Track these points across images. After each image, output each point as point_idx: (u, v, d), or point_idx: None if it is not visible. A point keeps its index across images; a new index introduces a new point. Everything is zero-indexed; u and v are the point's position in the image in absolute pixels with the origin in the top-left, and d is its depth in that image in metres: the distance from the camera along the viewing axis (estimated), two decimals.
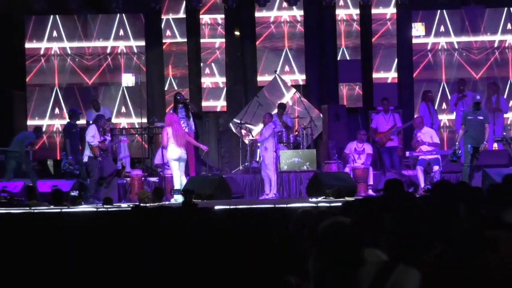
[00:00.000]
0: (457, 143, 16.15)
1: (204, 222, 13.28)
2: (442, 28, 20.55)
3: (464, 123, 15.99)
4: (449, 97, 19.63)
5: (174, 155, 16.74)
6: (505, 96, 19.37)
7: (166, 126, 17.06)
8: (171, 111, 18.09)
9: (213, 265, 9.76)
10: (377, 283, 4.78)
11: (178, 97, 18.64)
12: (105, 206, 15.92)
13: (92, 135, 16.94)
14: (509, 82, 20.22)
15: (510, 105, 19.65)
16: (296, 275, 6.38)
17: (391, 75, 20.71)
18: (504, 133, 18.37)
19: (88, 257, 10.82)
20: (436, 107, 19.48)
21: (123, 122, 20.58)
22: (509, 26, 20.40)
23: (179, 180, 16.81)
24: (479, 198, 7.66)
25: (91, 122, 17.61)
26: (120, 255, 10.44)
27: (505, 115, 19.29)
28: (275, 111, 18.50)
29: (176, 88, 20.56)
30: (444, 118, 19.90)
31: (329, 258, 4.10)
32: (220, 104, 20.93)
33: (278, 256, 7.43)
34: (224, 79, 20.93)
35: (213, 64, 20.99)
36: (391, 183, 9.16)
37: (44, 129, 20.37)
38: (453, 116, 19.53)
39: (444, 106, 19.92)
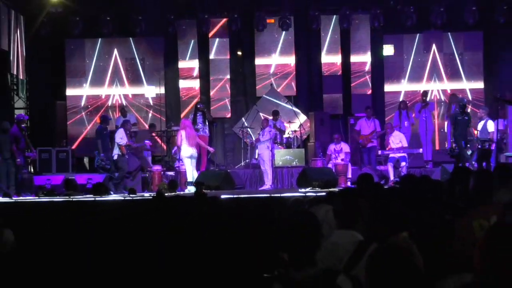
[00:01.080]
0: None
1: (212, 208, 13.33)
2: (408, 48, 20.56)
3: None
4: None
5: (187, 153, 16.81)
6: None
7: (181, 130, 17.12)
8: (189, 117, 18.16)
9: (220, 243, 9.83)
10: (354, 258, 4.83)
11: (198, 106, 18.73)
12: (130, 195, 15.98)
13: (121, 137, 16.97)
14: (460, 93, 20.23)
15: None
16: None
17: (365, 88, 20.66)
18: None
19: (117, 238, 10.86)
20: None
21: (146, 126, 20.56)
22: (460, 47, 20.41)
23: (191, 174, 16.87)
24: (440, 189, 7.69)
25: (119, 126, 17.61)
26: (143, 236, 10.50)
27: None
28: (271, 117, 18.49)
29: (190, 97, 20.57)
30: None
31: (287, 237, 4.12)
32: (225, 111, 20.90)
33: (273, 235, 7.48)
34: (228, 91, 20.89)
35: (221, 80, 20.94)
36: (363, 177, 9.20)
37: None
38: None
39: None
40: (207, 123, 18.37)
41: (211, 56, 20.93)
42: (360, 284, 3.89)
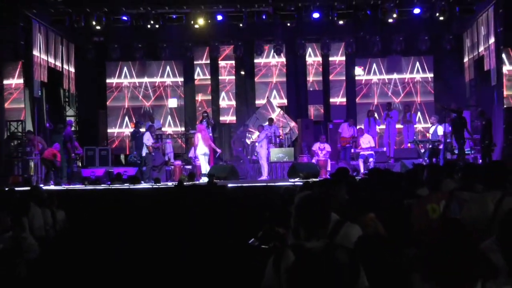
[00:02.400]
0: (449, 140, 16.27)
1: (221, 194, 13.33)
2: (374, 70, 20.57)
3: (453, 126, 15.96)
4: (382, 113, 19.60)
5: (201, 151, 16.89)
6: (412, 112, 19.36)
7: (197, 133, 17.23)
8: (201, 123, 18.19)
9: (227, 220, 9.83)
10: (332, 233, 4.82)
11: (204, 114, 18.86)
12: (156, 184, 15.98)
13: (147, 139, 16.99)
14: (415, 104, 20.23)
15: (417, 119, 19.65)
16: (283, 227, 6.42)
17: (341, 100, 20.68)
18: (415, 137, 18.38)
19: (147, 217, 10.85)
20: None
21: (169, 130, 20.56)
22: (417, 68, 20.43)
23: (205, 167, 16.91)
24: (400, 179, 7.67)
25: (146, 130, 17.66)
26: (168, 215, 10.48)
27: (415, 126, 19.30)
28: (267, 123, 18.49)
29: (205, 108, 20.59)
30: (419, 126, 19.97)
31: (301, 215, 4.11)
32: (230, 118, 20.90)
33: (271, 214, 7.47)
34: (234, 102, 20.90)
35: (227, 93, 20.96)
36: (340, 170, 9.20)
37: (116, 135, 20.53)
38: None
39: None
40: (210, 127, 18.45)
41: (220, 76, 20.94)
42: (355, 256, 3.88)
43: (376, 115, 19.29)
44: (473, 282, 3.33)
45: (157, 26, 17.96)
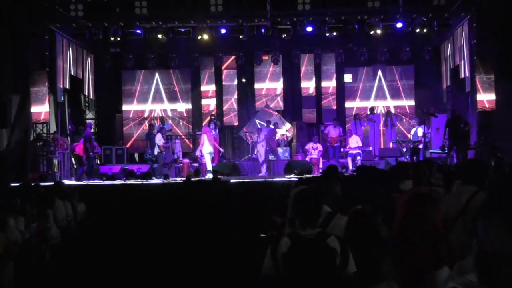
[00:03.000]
0: (443, 140, 16.17)
1: (225, 189, 13.32)
2: (362, 77, 20.60)
3: (448, 127, 15.90)
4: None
5: (207, 150, 16.94)
6: (393, 116, 19.40)
7: (203, 134, 17.29)
8: (208, 125, 18.25)
9: (230, 211, 9.82)
10: (324, 223, 4.82)
11: (211, 117, 18.94)
12: (166, 180, 16.00)
13: (159, 139, 17.07)
14: (398, 108, 20.27)
15: (397, 122, 19.68)
16: (280, 217, 6.42)
17: (330, 105, 20.68)
18: (397, 138, 18.40)
19: (159, 209, 10.84)
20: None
21: (178, 131, 20.56)
22: (399, 76, 20.47)
23: (210, 165, 16.93)
24: (385, 175, 7.68)
25: (157, 131, 17.69)
26: (177, 207, 10.48)
27: (396, 127, 19.33)
28: (266, 125, 18.49)
29: (209, 111, 20.62)
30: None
31: (298, 205, 4.11)
32: (233, 121, 20.90)
33: (269, 205, 7.48)
34: (236, 106, 20.89)
35: (230, 98, 20.95)
36: (331, 167, 9.20)
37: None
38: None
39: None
40: (217, 129, 18.48)
41: (224, 83, 20.95)
42: (345, 243, 3.88)
43: (361, 117, 19.32)
44: (438, 265, 3.31)
45: (167, 38, 18.00)
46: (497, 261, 1.01)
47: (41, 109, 16.37)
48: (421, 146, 17.13)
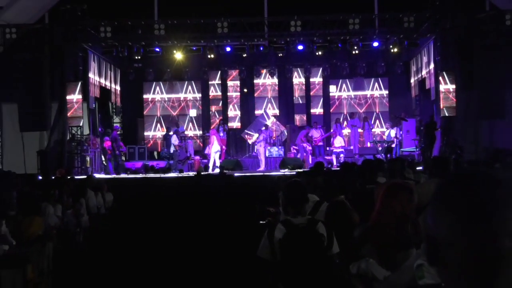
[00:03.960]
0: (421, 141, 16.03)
1: (229, 181, 13.32)
2: (344, 88, 20.59)
3: (425, 128, 15.84)
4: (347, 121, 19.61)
5: (215, 149, 16.89)
6: (369, 120, 19.41)
7: (212, 136, 17.25)
8: (215, 128, 18.26)
9: (233, 200, 9.81)
10: (313, 211, 4.80)
11: (220, 121, 18.95)
12: (180, 173, 15.97)
13: (174, 140, 17.07)
14: (374, 114, 20.26)
15: (375, 126, 19.68)
16: (273, 206, 6.39)
17: (319, 110, 20.67)
18: (374, 138, 18.42)
19: (174, 198, 10.84)
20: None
21: (190, 133, 20.54)
22: (375, 87, 20.46)
23: (218, 162, 16.92)
24: (364, 170, 7.65)
25: (173, 133, 17.69)
26: (189, 196, 10.48)
27: (372, 130, 19.33)
28: (263, 128, 18.45)
29: (216, 116, 20.60)
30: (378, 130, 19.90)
31: (290, 196, 4.09)
32: (236, 124, 20.86)
33: (265, 196, 7.47)
34: (239, 112, 20.86)
35: (234, 105, 20.92)
36: (317, 163, 9.20)
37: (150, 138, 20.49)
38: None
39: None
40: (225, 132, 18.46)
41: (228, 92, 20.90)
42: (330, 228, 3.87)
43: (341, 121, 19.35)
44: (408, 246, 3.28)
45: (181, 55, 18.01)
46: (442, 245, 1.00)
47: (76, 114, 16.36)
48: (394, 145, 17.15)
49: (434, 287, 1.78)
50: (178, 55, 17.99)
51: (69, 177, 11.20)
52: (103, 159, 17.55)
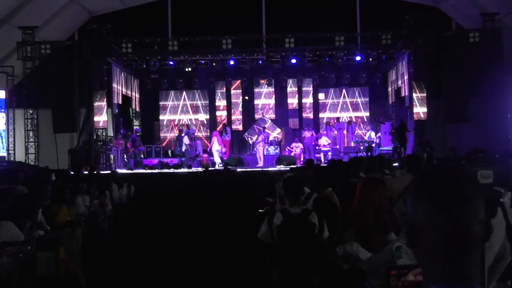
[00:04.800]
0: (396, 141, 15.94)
1: (233, 176, 13.29)
2: (331, 95, 20.53)
3: (397, 131, 15.81)
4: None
5: (215, 148, 17.08)
6: (353, 123, 19.41)
7: (213, 136, 17.33)
8: (219, 130, 18.24)
9: (236, 191, 9.79)
10: (305, 201, 4.79)
11: (224, 124, 18.96)
12: (190, 169, 15.95)
13: (186, 140, 17.08)
14: (357, 118, 20.23)
15: (356, 128, 19.67)
16: (271, 197, 6.39)
17: (310, 115, 20.60)
18: (357, 139, 18.42)
19: (185, 189, 10.81)
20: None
21: (199, 134, 20.47)
22: (358, 95, 20.42)
23: (218, 159, 17.00)
24: (348, 165, 7.63)
25: (184, 134, 17.67)
26: (198, 188, 10.45)
27: (355, 132, 19.30)
28: (262, 130, 18.40)
29: (222, 121, 20.56)
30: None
31: (286, 188, 4.08)
32: (239, 127, 20.82)
33: (264, 188, 7.45)
34: (241, 116, 20.81)
35: (237, 110, 20.87)
36: (308, 160, 9.19)
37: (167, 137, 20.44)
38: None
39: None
40: (226, 134, 18.43)
41: (232, 99, 20.81)
42: (321, 217, 3.86)
43: (331, 124, 19.30)
44: (385, 231, 3.27)
45: (191, 68, 18.00)
46: (420, 230, 1.00)
47: (101, 118, 16.34)
48: (373, 145, 17.14)
49: (410, 267, 1.77)
50: (189, 67, 18.01)
51: (95, 172, 11.18)
52: (125, 156, 17.52)
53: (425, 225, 1.02)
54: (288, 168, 10.41)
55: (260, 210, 6.25)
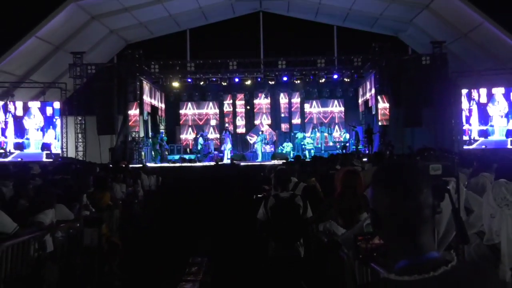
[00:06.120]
0: (365, 141, 15.83)
1: (237, 168, 13.23)
2: (314, 105, 20.40)
3: (367, 132, 15.68)
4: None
5: (228, 147, 16.82)
6: (332, 127, 19.33)
7: (226, 138, 17.16)
8: (225, 133, 18.18)
9: (240, 180, 9.75)
10: (294, 188, 4.77)
11: (226, 126, 18.79)
12: (204, 163, 15.88)
13: (201, 140, 16.99)
14: (335, 123, 20.10)
15: (334, 131, 19.56)
16: (267, 185, 6.36)
17: (297, 121, 20.42)
18: (334, 139, 18.33)
19: (200, 179, 10.76)
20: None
21: (211, 136, 20.36)
22: (335, 105, 20.33)
23: (229, 155, 16.84)
24: (328, 160, 7.59)
25: (199, 136, 17.60)
26: (210, 178, 10.42)
27: (334, 134, 19.20)
28: (260, 132, 18.33)
29: (227, 125, 20.49)
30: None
31: (278, 178, 4.06)
32: (242, 130, 20.73)
33: (262, 179, 7.43)
34: (243, 122, 20.70)
35: (240, 117, 20.78)
36: (296, 156, 9.16)
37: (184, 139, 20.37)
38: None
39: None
40: (230, 134, 18.31)
41: (236, 109, 20.63)
42: (305, 200, 3.84)
43: (316, 128, 19.24)
44: (360, 211, 3.26)
45: (205, 84, 17.89)
46: (381, 215, 0.99)
47: (135, 124, 16.31)
48: (347, 144, 17.09)
49: (375, 233, 1.74)
50: (203, 83, 17.94)
51: (130, 166, 11.14)
52: (153, 153, 17.49)
53: (386, 211, 1.00)
54: (281, 162, 10.37)
55: (258, 195, 6.23)
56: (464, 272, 0.92)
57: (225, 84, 17.82)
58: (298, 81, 18.01)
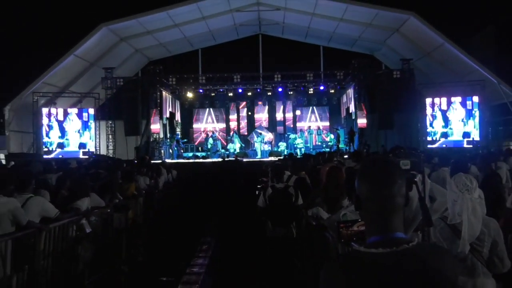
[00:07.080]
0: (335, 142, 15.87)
1: (240, 164, 13.18)
2: (303, 112, 20.41)
3: (349, 134, 15.67)
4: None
5: (236, 146, 16.72)
6: (320, 129, 19.19)
7: (234, 139, 17.03)
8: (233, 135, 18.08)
9: (243, 174, 9.72)
10: (287, 180, 4.75)
11: (233, 130, 18.68)
12: (213, 159, 15.83)
13: (210, 140, 16.91)
14: (322, 127, 20.00)
15: (323, 133, 19.51)
16: (265, 177, 6.35)
17: (290, 125, 20.41)
18: (322, 140, 18.29)
19: (210, 172, 10.71)
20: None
21: (219, 136, 20.32)
22: (321, 111, 20.27)
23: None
24: (315, 157, 7.54)
25: (209, 136, 17.50)
26: (219, 172, 10.38)
27: (321, 135, 19.16)
28: (260, 134, 18.27)
29: (231, 130, 20.43)
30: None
31: (274, 172, 4.06)
32: (245, 132, 20.64)
33: (260, 172, 7.41)
34: (246, 125, 20.58)
35: (243, 121, 20.69)
36: (289, 154, 9.13)
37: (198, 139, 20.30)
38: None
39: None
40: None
41: (240, 114, 20.49)
42: (297, 190, 3.84)
43: (304, 130, 19.13)
44: (342, 198, 3.25)
45: (214, 94, 17.93)
46: (363, 199, 1.00)
47: (155, 127, 16.29)
48: (332, 144, 17.04)
49: (354, 222, 1.76)
50: (212, 94, 17.91)
51: (152, 161, 11.13)
52: (171, 151, 17.45)
53: (366, 197, 1.02)
54: (277, 159, 10.35)
55: (258, 186, 6.22)
56: (422, 250, 0.94)
57: (231, 94, 17.81)
58: (291, 92, 18.01)
